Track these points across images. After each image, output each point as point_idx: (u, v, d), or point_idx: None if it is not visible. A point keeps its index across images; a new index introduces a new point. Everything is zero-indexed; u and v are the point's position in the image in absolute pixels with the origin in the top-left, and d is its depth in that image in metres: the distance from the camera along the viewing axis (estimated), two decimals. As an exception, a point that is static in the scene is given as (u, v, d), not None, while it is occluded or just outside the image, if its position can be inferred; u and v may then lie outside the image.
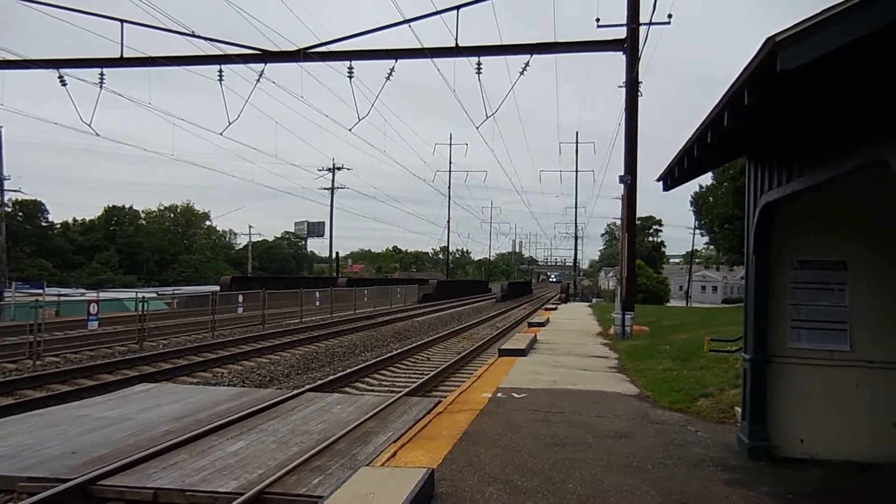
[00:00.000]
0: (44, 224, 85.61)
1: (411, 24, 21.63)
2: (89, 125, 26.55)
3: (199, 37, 24.47)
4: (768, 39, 3.16)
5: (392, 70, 22.88)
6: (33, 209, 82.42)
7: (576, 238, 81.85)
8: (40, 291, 39.66)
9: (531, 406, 9.00)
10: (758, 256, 6.63)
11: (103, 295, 38.75)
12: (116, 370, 14.95)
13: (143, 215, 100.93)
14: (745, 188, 6.97)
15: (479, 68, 22.63)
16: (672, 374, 11.81)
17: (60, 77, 26.30)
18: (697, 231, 73.08)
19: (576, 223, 77.81)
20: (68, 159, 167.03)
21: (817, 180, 4.96)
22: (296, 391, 10.81)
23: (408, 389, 12.19)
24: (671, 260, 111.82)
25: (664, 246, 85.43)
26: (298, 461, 6.56)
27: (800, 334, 6.64)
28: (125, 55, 25.30)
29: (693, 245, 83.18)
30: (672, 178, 6.97)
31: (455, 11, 21.55)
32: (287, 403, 9.66)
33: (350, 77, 23.41)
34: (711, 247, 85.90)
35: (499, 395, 9.78)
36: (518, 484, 5.65)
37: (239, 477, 6.12)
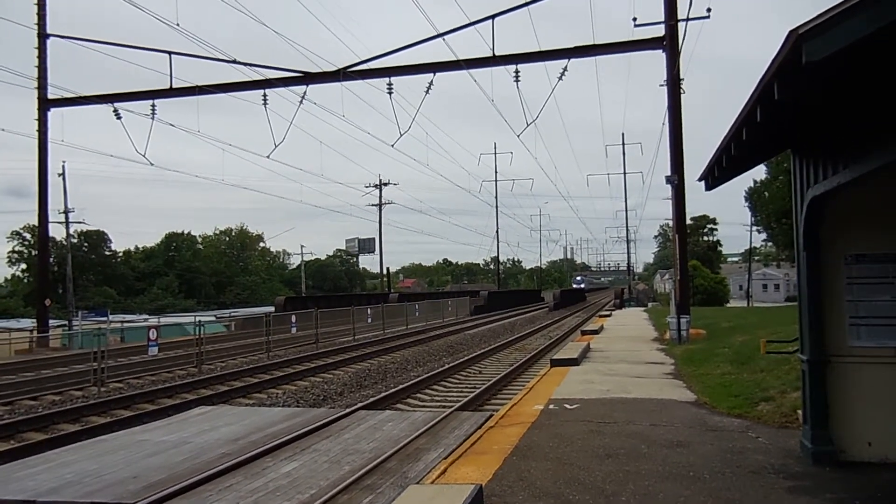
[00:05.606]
0: (107, 253, 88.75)
1: (446, 37, 21.81)
2: (143, 155, 27.60)
3: (242, 63, 25.24)
4: (792, 32, 3.05)
5: (431, 83, 23.13)
6: (97, 239, 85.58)
7: (627, 242, 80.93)
8: (105, 319, 41.12)
9: (583, 417, 8.85)
10: (808, 253, 6.38)
11: (164, 320, 40.04)
12: (176, 394, 15.37)
13: (199, 240, 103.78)
14: (791, 183, 6.73)
15: (517, 76, 22.62)
16: (730, 378, 11.45)
17: (115, 111, 27.48)
18: (754, 228, 70.91)
19: (627, 226, 76.84)
20: (128, 189, 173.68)
21: (864, 170, 4.75)
22: (348, 409, 10.88)
23: (459, 404, 12.14)
24: (729, 259, 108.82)
25: (720, 245, 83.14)
26: (350, 480, 6.58)
27: (860, 332, 6.34)
28: (174, 85, 26.28)
29: (751, 242, 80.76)
30: (713, 177, 6.79)
31: (490, 21, 21.65)
32: (339, 422, 9.73)
33: (390, 93, 23.73)
34: (770, 243, 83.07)
35: (551, 406, 9.65)
36: (569, 498, 5.55)
37: (291, 498, 6.18)
